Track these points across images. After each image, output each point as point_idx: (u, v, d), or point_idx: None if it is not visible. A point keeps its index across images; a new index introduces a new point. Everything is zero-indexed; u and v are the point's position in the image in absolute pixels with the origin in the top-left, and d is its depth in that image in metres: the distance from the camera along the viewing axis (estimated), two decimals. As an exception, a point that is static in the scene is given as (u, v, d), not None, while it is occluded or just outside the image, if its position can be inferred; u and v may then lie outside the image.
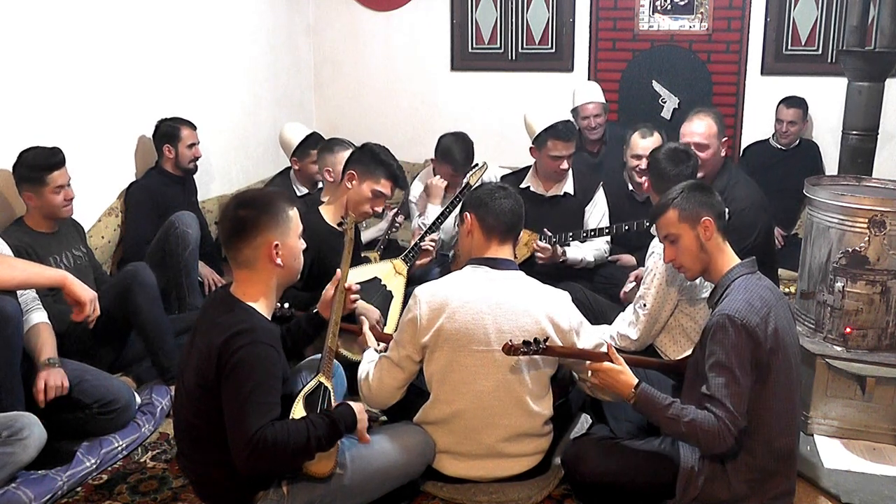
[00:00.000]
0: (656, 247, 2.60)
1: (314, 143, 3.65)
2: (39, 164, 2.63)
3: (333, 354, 2.13)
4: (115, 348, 2.71)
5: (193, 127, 3.45)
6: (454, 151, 3.54)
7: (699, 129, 3.03)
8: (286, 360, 2.00)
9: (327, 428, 1.80)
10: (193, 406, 1.85)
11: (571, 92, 4.31)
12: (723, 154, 3.05)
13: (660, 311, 2.52)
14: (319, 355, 2.16)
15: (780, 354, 1.93)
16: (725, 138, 3.05)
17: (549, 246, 3.10)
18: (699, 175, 3.00)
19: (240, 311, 1.84)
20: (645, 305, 2.54)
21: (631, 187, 3.58)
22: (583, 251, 3.26)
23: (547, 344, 2.00)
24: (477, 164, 3.44)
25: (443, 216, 3.16)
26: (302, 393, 1.96)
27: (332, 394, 2.02)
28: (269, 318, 1.92)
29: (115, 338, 2.67)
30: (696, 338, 2.47)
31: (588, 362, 2.07)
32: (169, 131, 3.39)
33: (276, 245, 1.88)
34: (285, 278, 1.96)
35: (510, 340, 1.98)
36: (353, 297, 2.30)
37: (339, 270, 2.27)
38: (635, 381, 1.98)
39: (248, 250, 1.88)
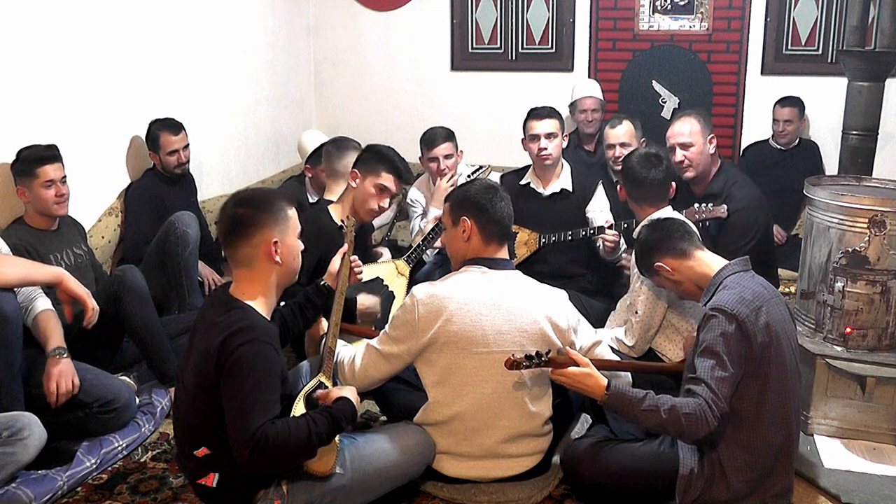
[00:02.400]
0: None
1: None
2: (31, 157, 2.64)
3: (334, 354, 2.13)
4: (110, 350, 2.70)
5: (176, 131, 3.36)
6: (428, 132, 3.56)
7: (680, 128, 3.05)
8: (284, 360, 1.99)
9: (328, 424, 1.80)
10: (193, 406, 1.85)
11: (570, 87, 4.34)
12: (711, 151, 3.06)
13: (652, 316, 2.52)
14: (319, 356, 2.16)
15: (772, 349, 1.93)
16: (711, 135, 3.06)
17: (618, 233, 3.06)
18: (689, 175, 3.04)
19: (238, 310, 1.84)
20: (637, 312, 2.55)
21: None
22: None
23: (549, 356, 1.98)
24: (480, 167, 3.44)
25: None
26: (302, 392, 1.96)
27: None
28: (269, 318, 1.91)
29: (109, 340, 2.66)
30: (690, 335, 2.48)
31: (550, 370, 2.03)
32: (152, 137, 3.36)
33: (275, 242, 1.88)
34: (284, 277, 1.96)
35: (512, 355, 1.97)
36: (356, 269, 2.32)
37: (344, 245, 2.29)
38: (605, 381, 1.97)
39: (246, 248, 1.87)
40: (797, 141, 4.31)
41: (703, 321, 1.97)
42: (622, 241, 3.13)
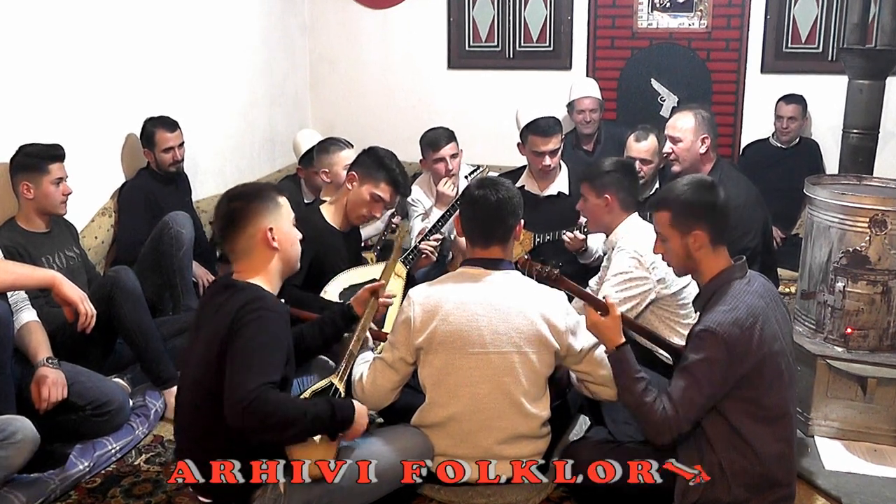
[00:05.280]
0: (626, 245, 2.58)
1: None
2: (42, 154, 2.67)
3: (353, 359, 2.14)
4: (103, 352, 2.70)
5: (172, 128, 3.37)
6: (430, 134, 3.56)
7: (675, 122, 3.09)
8: (291, 342, 2.01)
9: (327, 412, 1.82)
10: (198, 392, 1.86)
11: (569, 86, 4.33)
12: (702, 151, 3.05)
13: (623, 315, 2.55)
14: (325, 358, 2.20)
15: (765, 366, 1.92)
16: (705, 135, 3.04)
17: (582, 236, 3.07)
18: (675, 168, 3.06)
19: (249, 287, 1.89)
20: (605, 298, 2.54)
21: None
22: (596, 242, 3.21)
23: (559, 275, 2.05)
24: (478, 167, 3.44)
25: (443, 219, 3.15)
26: (310, 389, 1.97)
27: (342, 395, 2.02)
28: None
29: (102, 342, 2.66)
30: (686, 324, 2.51)
31: (583, 303, 2.11)
32: (147, 134, 3.37)
33: (271, 229, 1.94)
34: (285, 264, 2.00)
35: (527, 255, 2.02)
36: (385, 302, 2.30)
37: (381, 270, 2.34)
38: (622, 340, 2.04)
39: (244, 239, 1.93)
40: (797, 140, 4.32)
41: (693, 337, 1.96)
42: (588, 243, 3.11)
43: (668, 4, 4.46)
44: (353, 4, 4.92)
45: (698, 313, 2.08)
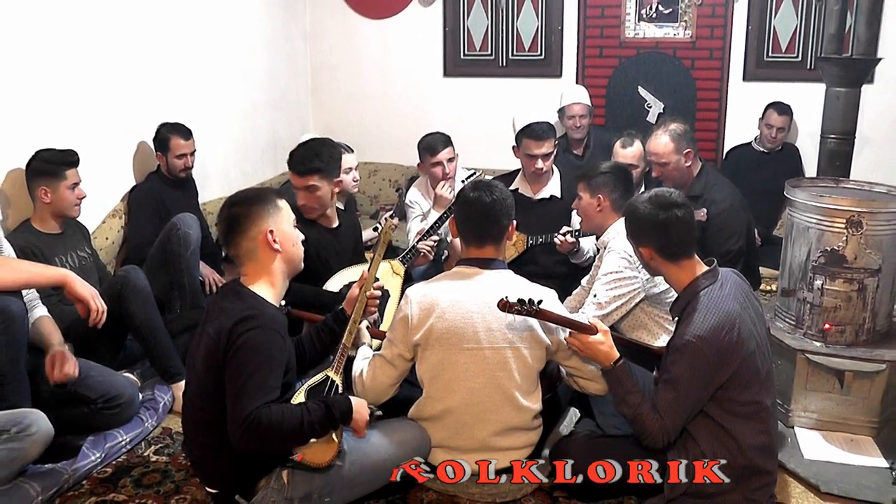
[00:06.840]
0: (616, 245, 2.63)
1: None
2: (59, 160, 2.71)
3: (347, 351, 2.17)
4: (114, 348, 2.73)
5: (187, 136, 3.42)
6: (427, 139, 3.61)
7: (655, 148, 3.15)
8: (293, 350, 2.06)
9: (322, 413, 1.86)
10: (202, 390, 1.91)
11: (559, 93, 4.39)
12: (688, 164, 3.11)
13: (612, 312, 2.60)
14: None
15: (742, 369, 1.97)
16: (688, 150, 3.09)
17: (572, 239, 3.12)
18: (667, 185, 3.06)
19: (249, 298, 1.93)
20: (595, 296, 2.61)
21: None
22: (588, 243, 3.25)
23: (541, 306, 2.01)
24: (474, 172, 3.50)
25: (440, 221, 3.19)
26: (306, 385, 2.00)
27: (339, 387, 2.07)
28: (278, 305, 2.00)
29: (113, 338, 2.69)
30: (669, 323, 2.56)
31: (570, 331, 2.12)
32: (161, 139, 3.41)
33: (272, 231, 1.98)
34: (288, 264, 2.04)
35: (505, 297, 2.00)
36: (374, 294, 2.32)
37: (364, 271, 2.32)
38: (617, 355, 2.07)
39: (246, 242, 1.97)
40: (780, 145, 4.37)
41: (675, 350, 2.00)
42: (580, 244, 3.15)
43: (655, 15, 4.52)
44: (352, 14, 4.97)
45: (676, 319, 2.13)
